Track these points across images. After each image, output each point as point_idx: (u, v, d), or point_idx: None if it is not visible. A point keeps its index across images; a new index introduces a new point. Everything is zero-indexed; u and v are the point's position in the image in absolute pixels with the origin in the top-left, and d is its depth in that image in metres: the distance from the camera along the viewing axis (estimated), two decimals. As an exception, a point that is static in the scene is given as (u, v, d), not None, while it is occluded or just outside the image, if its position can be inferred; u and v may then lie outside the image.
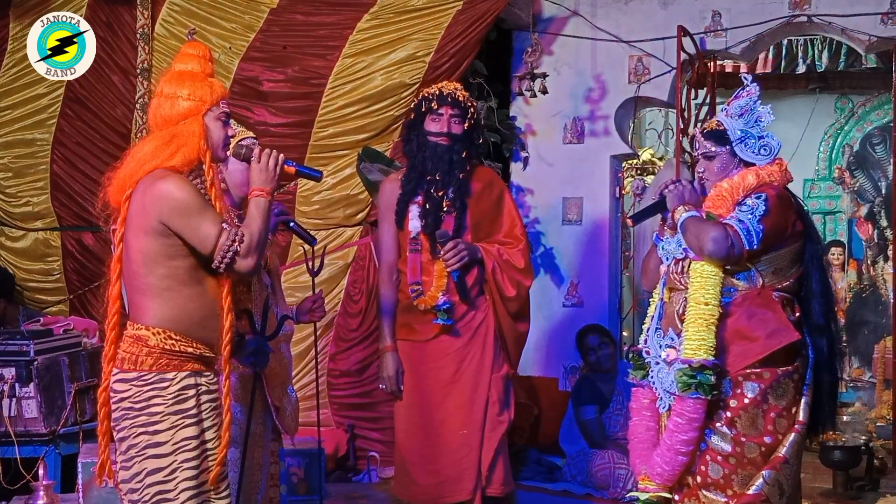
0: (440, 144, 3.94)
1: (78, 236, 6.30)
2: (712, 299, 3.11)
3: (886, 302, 8.16)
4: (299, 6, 6.03)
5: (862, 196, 9.16)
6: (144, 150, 2.79)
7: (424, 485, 4.00)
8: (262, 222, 2.81)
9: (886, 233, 8.79)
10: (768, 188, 3.21)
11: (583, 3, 6.31)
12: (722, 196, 3.22)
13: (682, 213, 3.21)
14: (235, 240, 2.71)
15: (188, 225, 2.69)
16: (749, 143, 3.28)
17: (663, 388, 3.19)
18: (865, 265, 8.88)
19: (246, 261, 2.74)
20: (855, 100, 9.16)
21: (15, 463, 4.65)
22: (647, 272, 3.50)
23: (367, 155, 5.86)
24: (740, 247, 3.09)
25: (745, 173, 3.25)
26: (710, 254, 3.09)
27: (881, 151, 9.06)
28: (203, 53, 2.89)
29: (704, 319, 3.09)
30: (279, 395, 3.55)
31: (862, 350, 8.19)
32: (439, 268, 3.94)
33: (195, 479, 2.71)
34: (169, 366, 2.71)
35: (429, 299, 3.95)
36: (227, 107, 2.87)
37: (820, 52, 8.07)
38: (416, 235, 3.97)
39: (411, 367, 4.03)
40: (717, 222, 3.15)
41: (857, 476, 5.42)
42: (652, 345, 3.27)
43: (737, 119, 3.31)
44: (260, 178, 2.90)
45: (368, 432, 5.90)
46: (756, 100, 3.32)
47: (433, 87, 4.07)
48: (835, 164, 9.29)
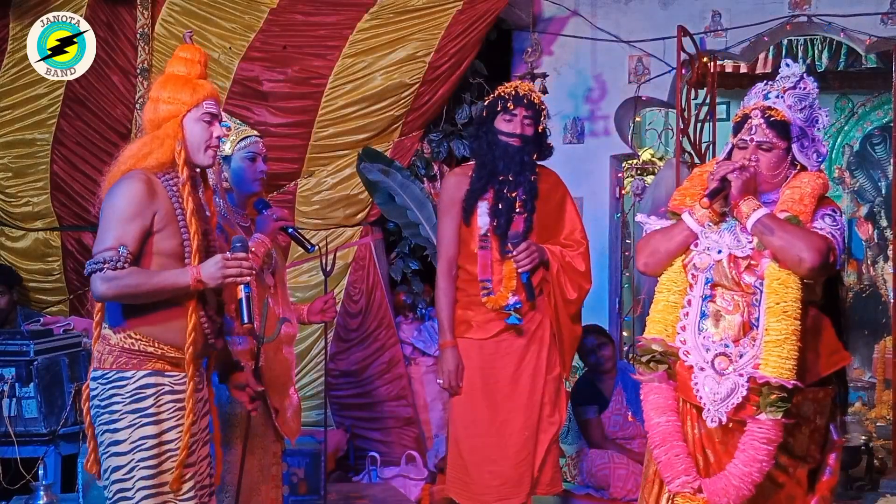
0: (511, 145, 3.92)
1: (78, 236, 6.29)
2: (799, 314, 2.80)
3: (886, 302, 8.16)
4: (299, 6, 6.03)
5: (862, 196, 9.16)
6: (126, 153, 2.86)
7: (486, 485, 3.94)
8: (158, 291, 2.72)
9: (886, 233, 8.78)
10: (833, 202, 3.01)
11: (583, 3, 6.30)
12: (803, 200, 2.92)
13: (753, 206, 2.89)
14: (110, 262, 2.68)
15: (102, 223, 2.75)
16: (805, 144, 3.01)
17: (713, 401, 2.85)
18: (865, 265, 8.88)
19: (103, 286, 2.68)
20: (855, 100, 9.15)
21: (15, 463, 4.66)
22: (657, 254, 3.09)
23: (367, 155, 5.87)
24: (834, 263, 2.85)
25: (814, 178, 2.98)
26: (810, 264, 2.79)
27: (881, 151, 9.05)
28: (193, 56, 2.90)
29: (793, 334, 2.78)
30: (280, 396, 3.54)
31: (862, 350, 8.18)
32: (509, 268, 3.91)
33: (152, 478, 2.73)
34: (128, 364, 2.75)
35: (499, 298, 3.92)
36: (215, 107, 2.87)
37: (820, 52, 8.07)
38: (486, 233, 3.94)
39: (471, 364, 3.97)
40: (815, 232, 2.86)
41: (857, 476, 5.42)
42: (694, 346, 2.92)
43: (797, 113, 3.02)
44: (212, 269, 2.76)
45: (368, 432, 5.90)
46: (815, 98, 3.05)
47: (508, 87, 4.00)
48: (835, 164, 9.28)
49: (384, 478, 5.55)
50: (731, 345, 2.87)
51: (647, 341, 3.03)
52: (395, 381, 5.90)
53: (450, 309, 3.99)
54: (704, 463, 2.95)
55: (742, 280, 2.90)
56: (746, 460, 2.81)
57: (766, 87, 3.08)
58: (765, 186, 2.99)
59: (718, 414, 2.84)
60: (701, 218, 3.00)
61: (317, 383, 5.87)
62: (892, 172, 7.89)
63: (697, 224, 3.01)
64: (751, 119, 3.00)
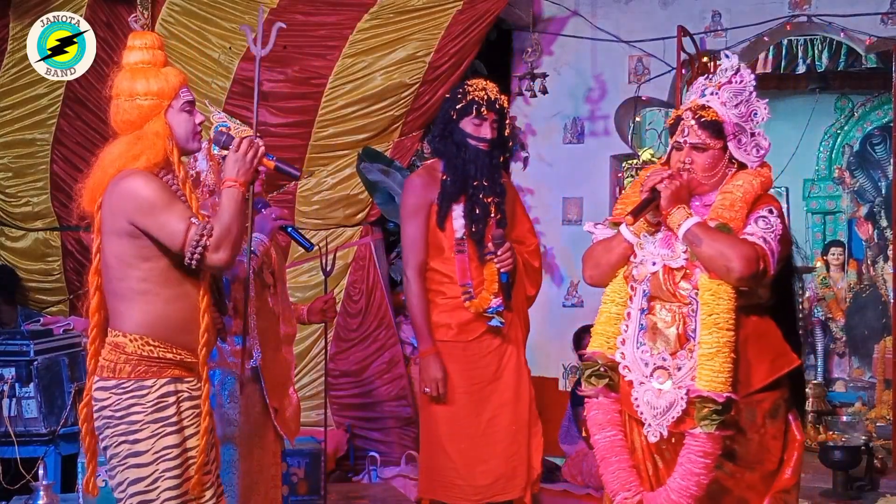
0: (480, 149, 3.90)
1: (78, 236, 6.29)
2: (733, 325, 2.74)
3: (886, 302, 8.14)
4: (299, 6, 6.03)
5: (862, 196, 9.16)
6: (110, 156, 2.72)
7: (478, 485, 3.95)
8: (234, 214, 2.66)
9: (886, 233, 8.78)
10: (772, 199, 2.90)
11: (583, 3, 6.31)
12: (734, 206, 2.84)
13: (683, 216, 2.82)
14: (204, 234, 2.59)
15: (155, 222, 2.61)
16: (743, 140, 2.91)
17: (653, 415, 2.81)
18: (865, 265, 8.87)
19: (218, 255, 2.62)
20: (855, 100, 9.15)
21: (15, 463, 4.66)
22: (599, 266, 3.02)
23: (367, 155, 5.87)
24: (767, 270, 2.76)
25: (750, 179, 2.89)
26: (738, 274, 2.72)
27: (881, 151, 9.05)
28: (150, 42, 2.77)
29: (726, 346, 2.73)
30: (280, 396, 3.54)
31: (862, 350, 8.18)
32: (490, 270, 3.91)
33: (177, 488, 2.65)
34: (147, 373, 2.65)
35: (481, 302, 3.92)
36: (190, 94, 2.76)
37: (820, 52, 8.07)
38: (462, 237, 3.93)
39: (454, 367, 3.96)
40: (744, 239, 2.78)
41: (857, 476, 5.41)
42: (633, 360, 2.87)
43: (732, 109, 2.91)
44: (234, 167, 2.71)
45: (368, 432, 5.90)
46: (752, 90, 2.93)
47: (478, 90, 3.90)
48: (835, 164, 9.29)
49: (384, 478, 5.55)
50: (669, 358, 2.81)
51: (590, 355, 3.00)
52: (395, 381, 5.91)
53: (427, 314, 3.97)
54: (654, 470, 2.92)
55: (678, 291, 2.84)
56: (684, 474, 2.76)
57: (704, 82, 2.99)
58: (703, 188, 2.93)
59: (659, 428, 2.81)
60: (637, 229, 2.94)
61: (317, 383, 5.87)
62: (892, 172, 7.89)
63: (633, 235, 2.94)
64: (683, 120, 2.93)
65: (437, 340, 3.97)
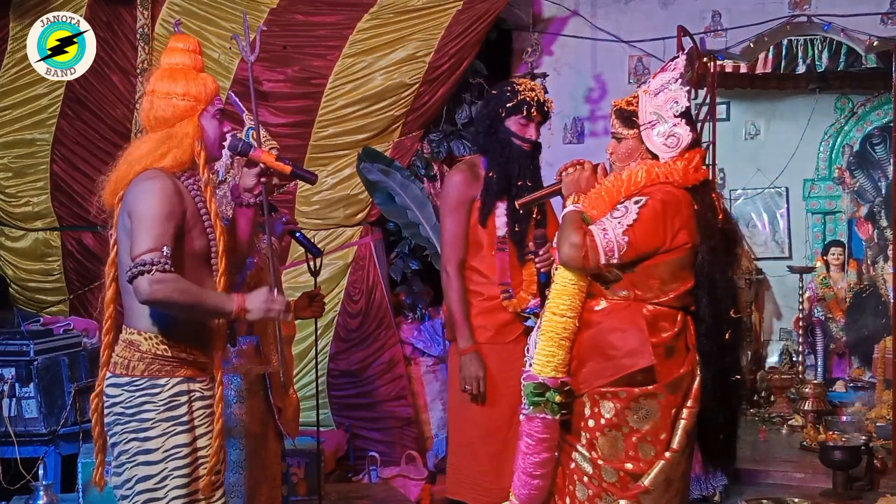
0: (524, 149, 3.86)
1: (78, 236, 6.30)
2: (567, 311, 2.81)
3: (886, 302, 8.14)
4: (299, 6, 6.03)
5: (862, 196, 9.16)
6: (138, 152, 2.74)
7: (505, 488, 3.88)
8: (203, 307, 2.65)
9: (886, 233, 8.78)
10: (657, 190, 2.82)
11: (583, 3, 6.31)
12: (600, 196, 2.87)
13: (570, 204, 2.88)
14: (158, 264, 2.55)
15: (136, 228, 2.61)
16: (661, 131, 2.86)
17: None
18: (865, 265, 8.87)
19: (149, 287, 2.54)
20: (855, 100, 9.15)
21: (15, 463, 4.66)
22: None
23: (367, 155, 5.87)
24: (595, 259, 2.76)
25: (636, 169, 2.87)
26: (564, 261, 2.80)
27: (881, 151, 9.05)
28: (192, 47, 2.82)
29: (556, 333, 2.81)
30: (281, 395, 3.55)
31: (862, 350, 8.18)
32: (529, 270, 3.83)
33: (186, 486, 2.67)
34: (161, 371, 2.66)
35: (520, 302, 3.84)
36: (221, 102, 2.81)
37: (820, 52, 8.06)
38: (504, 235, 3.86)
39: (490, 369, 3.83)
40: (581, 226, 2.81)
41: (857, 476, 5.42)
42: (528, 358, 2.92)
43: (653, 98, 2.88)
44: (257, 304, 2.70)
45: (368, 432, 5.90)
46: (678, 77, 2.87)
47: (528, 90, 3.83)
48: (835, 164, 9.28)
49: (384, 478, 5.55)
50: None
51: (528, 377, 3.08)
52: (395, 381, 5.91)
53: (467, 311, 3.85)
54: None
55: None
56: (520, 457, 2.91)
57: None
58: None
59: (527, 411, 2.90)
60: None
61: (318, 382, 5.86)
62: (892, 172, 7.89)
63: None
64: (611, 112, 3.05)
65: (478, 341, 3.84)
